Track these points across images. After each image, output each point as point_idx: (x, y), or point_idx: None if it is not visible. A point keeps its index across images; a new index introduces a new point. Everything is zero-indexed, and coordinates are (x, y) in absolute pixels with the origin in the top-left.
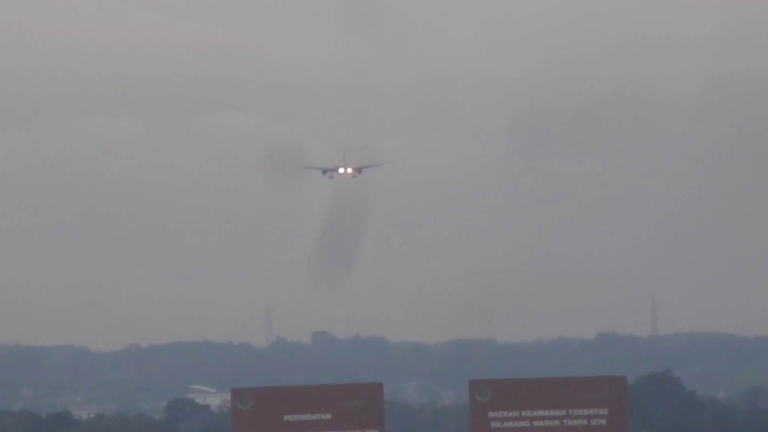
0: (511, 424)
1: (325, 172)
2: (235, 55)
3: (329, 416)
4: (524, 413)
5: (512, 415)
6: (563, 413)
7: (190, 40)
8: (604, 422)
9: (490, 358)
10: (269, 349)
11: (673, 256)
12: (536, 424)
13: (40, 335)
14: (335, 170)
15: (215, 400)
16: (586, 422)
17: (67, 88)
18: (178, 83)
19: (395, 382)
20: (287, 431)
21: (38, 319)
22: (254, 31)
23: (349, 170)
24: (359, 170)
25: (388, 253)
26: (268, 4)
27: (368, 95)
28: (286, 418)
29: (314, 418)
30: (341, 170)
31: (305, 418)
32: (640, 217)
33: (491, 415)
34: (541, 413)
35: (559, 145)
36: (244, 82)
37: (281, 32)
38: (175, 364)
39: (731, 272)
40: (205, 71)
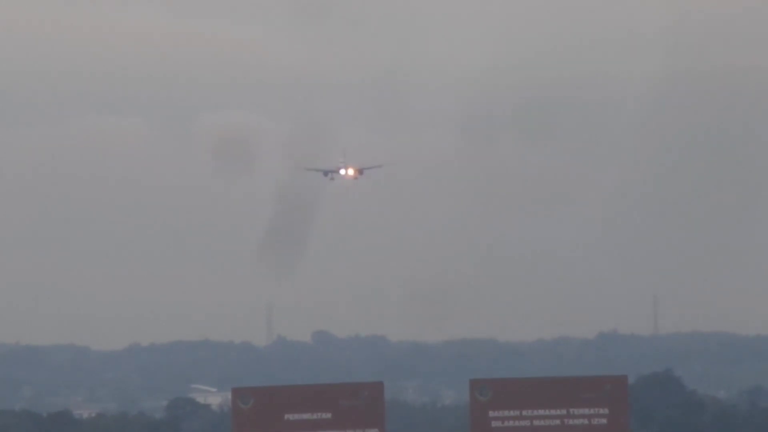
0: (511, 423)
1: (326, 173)
2: (235, 55)
3: (330, 415)
4: (525, 412)
5: (513, 414)
6: (564, 412)
7: (190, 39)
8: (604, 421)
9: (490, 357)
10: (270, 348)
11: (674, 255)
12: (537, 423)
13: (40, 335)
14: (336, 172)
15: (216, 399)
16: (586, 421)
17: (67, 86)
18: (178, 83)
19: (396, 381)
20: (288, 430)
21: (38, 318)
22: (254, 31)
23: (350, 171)
24: (361, 171)
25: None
26: (269, 4)
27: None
28: (286, 417)
29: (315, 417)
30: (342, 172)
31: (306, 417)
32: (637, 217)
33: (492, 414)
34: (541, 412)
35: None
36: (244, 82)
37: (281, 32)
38: (175, 363)
39: (732, 272)
40: (208, 69)
